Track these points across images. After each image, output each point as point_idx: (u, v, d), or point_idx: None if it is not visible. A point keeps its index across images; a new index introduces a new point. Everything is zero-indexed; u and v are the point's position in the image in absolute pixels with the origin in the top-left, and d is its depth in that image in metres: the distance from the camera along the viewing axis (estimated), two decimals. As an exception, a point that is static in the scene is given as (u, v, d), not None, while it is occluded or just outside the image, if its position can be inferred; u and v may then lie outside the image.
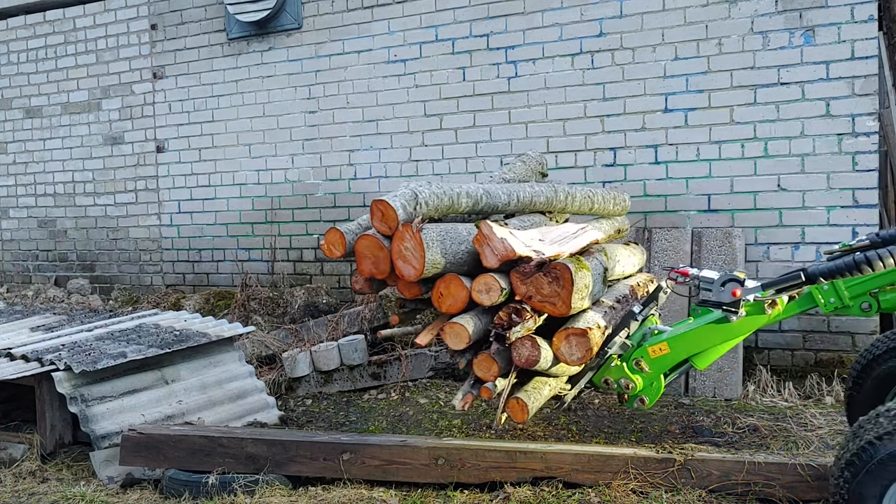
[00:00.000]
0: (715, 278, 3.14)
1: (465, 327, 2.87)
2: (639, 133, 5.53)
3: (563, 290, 2.81)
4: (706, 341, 3.24)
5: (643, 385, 3.31)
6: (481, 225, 2.92)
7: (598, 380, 3.36)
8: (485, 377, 3.00)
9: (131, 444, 3.56)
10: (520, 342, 2.89)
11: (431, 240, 2.86)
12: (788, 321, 5.11)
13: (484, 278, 2.87)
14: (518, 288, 2.88)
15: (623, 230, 4.50)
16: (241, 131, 7.04)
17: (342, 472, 3.37)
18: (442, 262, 2.89)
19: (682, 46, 5.38)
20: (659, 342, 3.27)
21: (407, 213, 2.91)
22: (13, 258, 8.41)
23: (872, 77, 4.92)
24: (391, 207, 2.86)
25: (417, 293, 3.07)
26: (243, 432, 3.59)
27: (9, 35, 8.20)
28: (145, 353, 4.14)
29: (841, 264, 2.88)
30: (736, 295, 3.03)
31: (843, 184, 5.00)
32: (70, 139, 7.93)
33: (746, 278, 3.09)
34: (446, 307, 2.94)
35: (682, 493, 3.08)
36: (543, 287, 2.83)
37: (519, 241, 2.94)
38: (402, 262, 2.88)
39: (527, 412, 3.00)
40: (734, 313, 3.07)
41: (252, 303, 6.41)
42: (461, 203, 3.17)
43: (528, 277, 2.85)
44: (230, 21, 6.94)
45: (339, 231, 3.12)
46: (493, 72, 5.98)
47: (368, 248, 2.99)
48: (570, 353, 2.92)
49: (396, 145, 6.37)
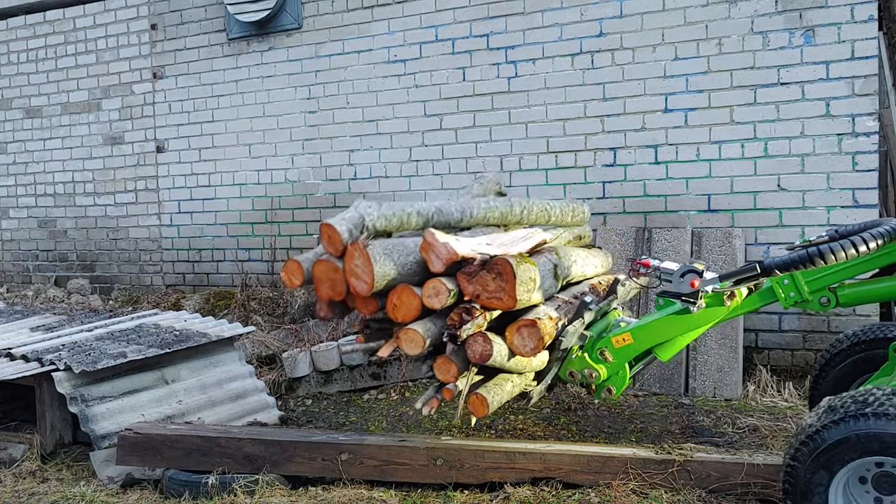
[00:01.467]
0: (675, 269, 3.17)
1: (418, 332, 2.94)
2: (639, 133, 5.54)
3: (507, 284, 2.90)
4: (668, 332, 3.26)
5: (607, 374, 3.32)
6: (425, 233, 3.01)
7: (564, 373, 3.39)
8: (446, 379, 3.05)
9: (128, 444, 3.56)
10: (472, 339, 2.95)
11: (378, 254, 2.95)
12: (788, 321, 5.11)
13: (432, 282, 2.95)
14: (465, 288, 2.97)
15: (585, 237, 4.58)
16: (241, 131, 7.04)
17: (341, 473, 3.36)
18: (392, 274, 2.97)
19: (682, 46, 5.38)
20: (622, 332, 3.30)
21: (353, 236, 3.01)
22: (13, 258, 8.42)
23: (872, 77, 4.92)
24: (336, 231, 2.97)
25: (375, 308, 3.13)
26: (241, 432, 3.58)
27: (9, 35, 8.20)
28: (145, 354, 4.14)
29: (795, 257, 2.89)
30: (694, 286, 3.06)
31: (843, 184, 5.00)
32: (70, 139, 7.94)
33: (706, 270, 3.10)
34: (401, 317, 3.00)
35: (682, 493, 3.08)
36: (489, 284, 2.93)
37: (463, 244, 3.03)
38: (354, 279, 2.97)
39: (486, 406, 3.03)
40: (693, 304, 3.09)
41: (252, 303, 6.42)
42: (412, 221, 3.26)
43: (474, 277, 2.95)
44: (230, 21, 6.94)
45: (296, 261, 3.20)
46: (493, 72, 5.98)
47: (324, 273, 3.08)
48: (524, 344, 3.00)
49: (396, 145, 6.37)
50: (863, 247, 2.78)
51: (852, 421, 2.47)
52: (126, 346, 4.29)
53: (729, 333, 4.86)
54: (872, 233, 2.83)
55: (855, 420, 2.47)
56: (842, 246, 2.78)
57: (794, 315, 5.11)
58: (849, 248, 2.77)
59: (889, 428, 2.42)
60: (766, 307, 5.22)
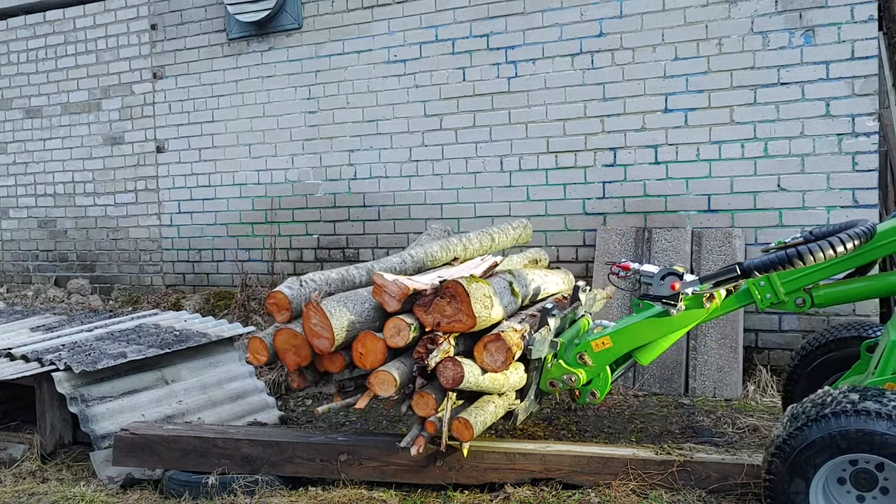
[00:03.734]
0: (655, 272, 3.18)
1: (388, 372, 2.96)
2: (639, 133, 5.53)
3: (462, 304, 2.94)
4: (647, 335, 3.26)
5: (586, 378, 3.31)
6: (374, 276, 3.08)
7: (545, 385, 3.39)
8: (426, 413, 3.04)
9: (124, 445, 3.55)
10: (442, 366, 2.96)
11: (334, 307, 3.01)
12: (789, 321, 5.11)
13: (391, 322, 3.01)
14: (424, 319, 3.01)
15: (541, 260, 4.66)
16: (241, 131, 7.04)
17: (339, 474, 3.36)
18: (349, 323, 3.04)
19: (681, 46, 5.37)
20: (602, 336, 3.30)
21: (295, 292, 3.15)
22: (13, 258, 8.42)
23: (872, 77, 4.92)
24: (279, 293, 3.11)
25: (342, 363, 3.17)
26: (239, 433, 3.58)
27: (9, 35, 8.20)
28: (145, 354, 4.14)
29: (774, 258, 2.90)
30: (675, 288, 3.06)
31: (843, 184, 5.00)
32: (70, 139, 7.94)
33: (685, 272, 3.11)
34: (370, 363, 3.03)
35: (682, 493, 3.08)
36: (445, 309, 2.97)
37: (413, 280, 3.10)
38: (315, 338, 3.03)
39: (471, 429, 3.02)
40: (673, 307, 3.10)
41: (252, 303, 6.42)
42: (353, 276, 3.42)
43: (430, 306, 2.98)
44: (230, 21, 6.94)
45: (257, 338, 3.25)
46: (493, 72, 5.97)
47: (286, 341, 3.14)
48: (493, 360, 3.01)
49: (396, 145, 6.37)
50: (840, 247, 2.80)
51: (814, 425, 2.52)
52: (126, 346, 4.29)
53: (729, 333, 4.86)
54: (850, 233, 2.85)
55: (817, 423, 2.52)
56: (820, 247, 2.80)
57: (794, 315, 5.11)
58: (826, 248, 2.79)
59: (851, 424, 2.47)
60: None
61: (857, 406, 2.50)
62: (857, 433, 2.46)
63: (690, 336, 4.93)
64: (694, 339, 4.92)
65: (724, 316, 4.87)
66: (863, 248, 2.96)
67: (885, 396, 2.54)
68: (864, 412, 2.48)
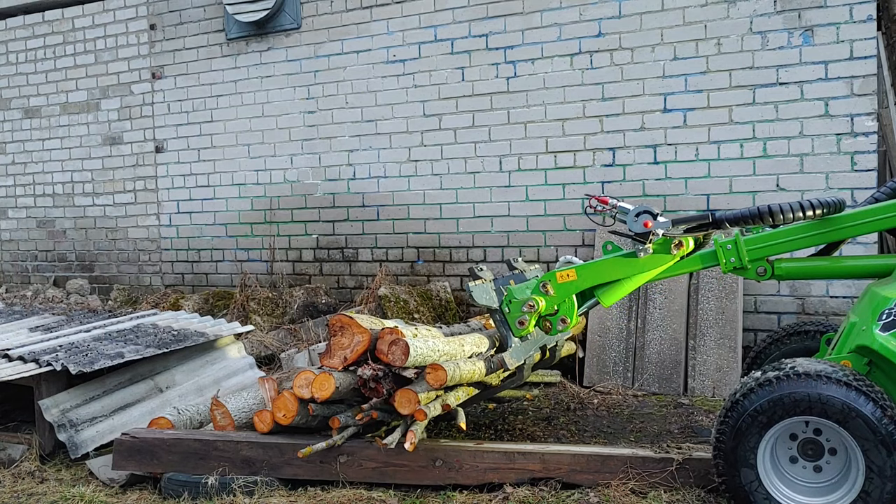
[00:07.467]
0: (631, 209, 3.20)
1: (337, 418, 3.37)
2: (638, 133, 5.53)
3: (353, 327, 3.32)
4: (613, 272, 3.27)
5: (547, 305, 3.29)
6: (258, 380, 3.86)
7: (515, 327, 3.36)
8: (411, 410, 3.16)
9: (125, 449, 3.55)
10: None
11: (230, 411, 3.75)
12: (787, 321, 5.10)
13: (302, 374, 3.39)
14: (332, 363, 3.36)
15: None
16: (239, 131, 7.03)
17: (339, 475, 3.36)
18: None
19: (680, 46, 5.38)
20: (567, 269, 3.30)
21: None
22: (12, 258, 8.41)
23: (871, 77, 4.92)
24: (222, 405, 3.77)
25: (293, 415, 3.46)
26: (238, 436, 3.57)
27: (7, 35, 8.19)
28: (143, 354, 4.13)
29: (745, 211, 3.02)
30: (648, 226, 3.10)
31: (841, 184, 5.00)
32: (69, 139, 7.93)
33: (661, 214, 3.14)
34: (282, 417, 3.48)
35: (681, 492, 3.08)
36: (343, 341, 3.34)
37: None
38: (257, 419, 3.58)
39: (446, 374, 3.11)
40: (643, 244, 3.13)
41: (251, 303, 6.41)
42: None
43: (330, 352, 3.35)
44: (229, 21, 6.93)
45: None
46: (492, 72, 5.97)
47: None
48: (395, 356, 3.21)
49: (395, 145, 6.37)
50: (809, 211, 2.97)
51: (759, 389, 2.70)
52: (124, 346, 4.28)
53: (728, 333, 4.86)
54: (820, 199, 3.01)
55: (760, 388, 2.70)
56: (791, 207, 2.95)
57: (794, 315, 5.11)
58: (797, 210, 2.96)
59: (783, 389, 2.64)
60: (766, 306, 5.22)
61: (784, 372, 2.67)
62: (788, 397, 2.63)
63: (690, 336, 4.94)
64: (693, 338, 4.93)
65: (724, 316, 4.88)
66: (827, 224, 3.09)
67: (813, 362, 2.70)
68: (789, 377, 2.64)
